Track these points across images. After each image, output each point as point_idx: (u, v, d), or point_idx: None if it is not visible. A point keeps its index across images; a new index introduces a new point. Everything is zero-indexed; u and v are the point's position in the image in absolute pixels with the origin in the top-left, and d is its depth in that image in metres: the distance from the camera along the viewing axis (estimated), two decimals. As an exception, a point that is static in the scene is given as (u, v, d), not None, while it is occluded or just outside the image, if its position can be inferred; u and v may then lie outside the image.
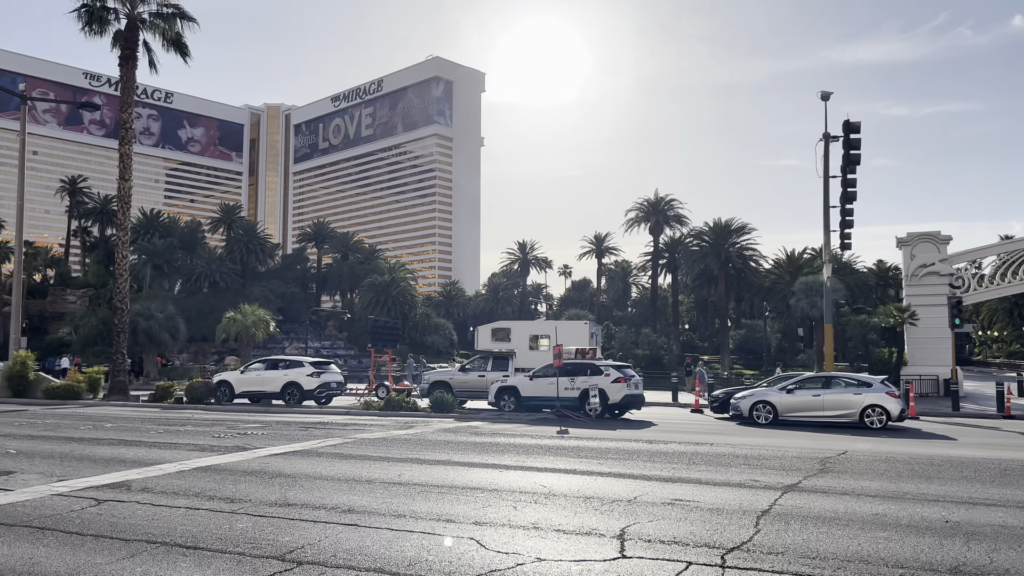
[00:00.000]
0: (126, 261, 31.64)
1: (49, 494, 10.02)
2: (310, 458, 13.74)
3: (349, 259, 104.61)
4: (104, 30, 30.07)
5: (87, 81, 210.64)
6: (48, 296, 79.21)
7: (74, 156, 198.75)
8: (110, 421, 20.72)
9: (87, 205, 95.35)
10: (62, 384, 29.58)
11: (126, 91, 31.29)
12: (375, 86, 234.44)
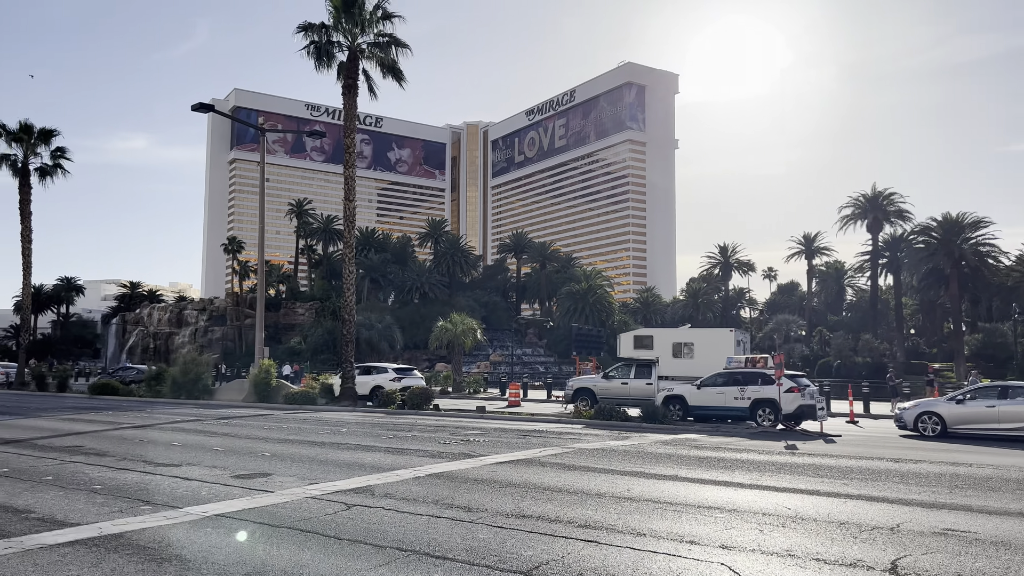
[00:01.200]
0: (352, 276, 34.01)
1: (304, 497, 10.73)
2: (534, 468, 13.81)
3: (546, 268, 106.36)
4: (330, 64, 32.69)
5: (308, 112, 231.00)
6: (281, 309, 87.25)
7: (298, 181, 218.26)
8: (344, 426, 22.19)
9: (312, 225, 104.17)
10: (299, 390, 32.28)
11: (349, 118, 33.73)
12: (568, 97, 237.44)
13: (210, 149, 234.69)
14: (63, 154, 48.34)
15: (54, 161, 47.98)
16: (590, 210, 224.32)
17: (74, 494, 10.78)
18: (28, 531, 8.57)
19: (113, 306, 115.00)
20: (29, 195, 47.42)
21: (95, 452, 15.29)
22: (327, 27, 32.76)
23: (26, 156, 47.02)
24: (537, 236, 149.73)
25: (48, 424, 21.76)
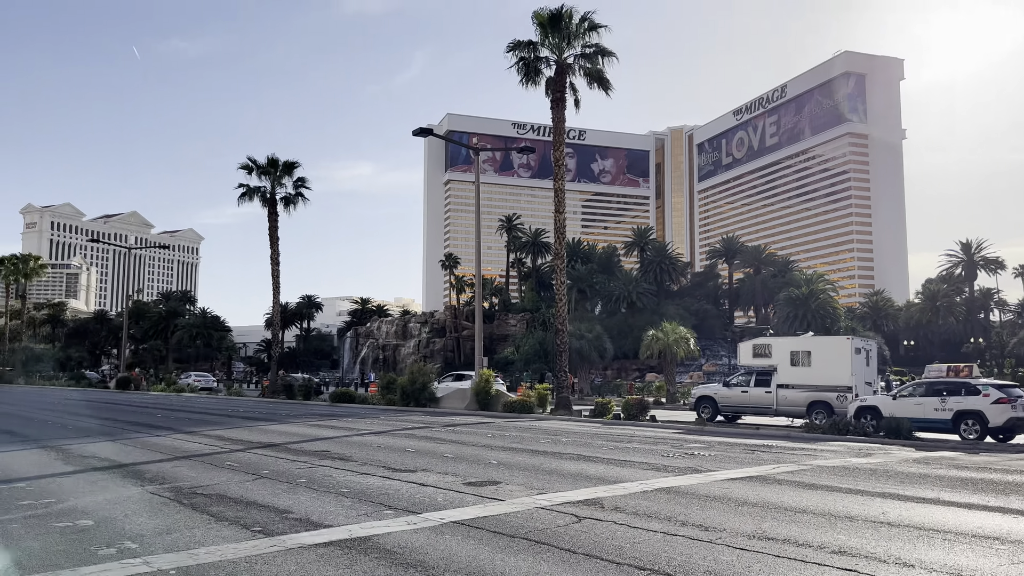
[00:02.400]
0: (563, 286, 34.37)
1: (534, 507, 10.74)
2: (769, 485, 12.94)
3: (761, 273, 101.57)
4: (538, 79, 33.41)
5: (515, 130, 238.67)
6: (495, 320, 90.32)
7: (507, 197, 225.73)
8: (563, 435, 22.30)
9: (521, 239, 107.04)
10: (517, 399, 33.06)
11: (558, 131, 34.23)
12: (778, 93, 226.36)
13: (427, 172, 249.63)
14: (303, 184, 53.34)
15: (296, 191, 53.06)
16: (807, 210, 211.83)
17: (325, 496, 11.55)
18: (288, 531, 9.24)
19: (347, 321, 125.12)
20: (276, 222, 52.76)
21: (340, 457, 16.43)
22: (535, 44, 33.49)
23: (273, 187, 52.40)
24: (749, 240, 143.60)
25: (297, 430, 23.83)
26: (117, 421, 27.07)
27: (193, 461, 15.68)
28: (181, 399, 46.84)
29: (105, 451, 17.43)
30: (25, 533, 9.12)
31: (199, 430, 23.04)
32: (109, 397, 48.61)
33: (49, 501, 11.13)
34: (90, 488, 12.31)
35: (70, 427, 24.22)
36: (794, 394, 27.54)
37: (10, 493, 11.86)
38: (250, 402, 44.44)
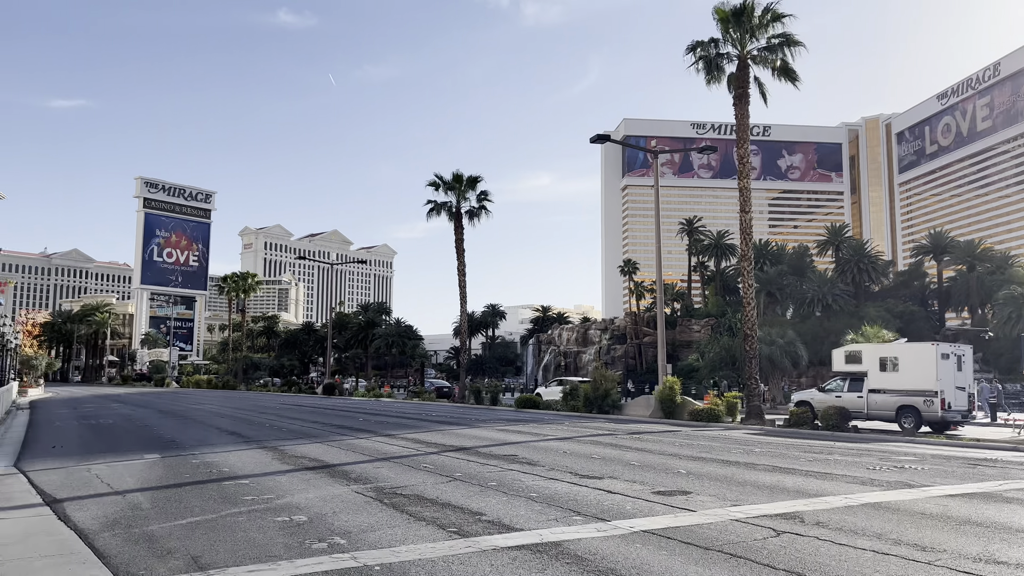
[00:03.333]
0: (751, 290, 32.99)
1: (728, 519, 10.33)
2: (997, 503, 11.64)
3: (976, 270, 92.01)
4: (720, 76, 32.42)
5: (694, 131, 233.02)
6: (676, 326, 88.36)
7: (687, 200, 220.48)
8: (756, 445, 21.35)
9: (703, 242, 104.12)
10: (704, 407, 32.08)
11: (741, 128, 32.99)
12: (990, 72, 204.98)
13: (604, 179, 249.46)
14: (486, 197, 55.11)
15: (479, 204, 54.93)
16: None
17: (515, 500, 11.78)
18: (482, 532, 9.50)
19: (529, 328, 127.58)
20: (462, 235, 54.88)
21: (527, 461, 16.71)
22: (716, 40, 32.54)
23: (458, 202, 54.57)
24: (960, 234, 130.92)
25: (485, 434, 24.53)
26: (324, 424, 29.21)
27: (392, 463, 16.56)
28: (380, 404, 49.76)
29: (314, 452, 18.83)
30: (250, 525, 10.02)
31: (396, 433, 24.33)
32: (316, 402, 52.61)
33: (269, 497, 12.17)
34: (302, 486, 13.33)
35: (284, 429, 26.43)
36: (884, 399, 28.80)
37: (236, 489, 13.10)
38: (441, 407, 46.41)
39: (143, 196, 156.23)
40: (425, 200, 54.72)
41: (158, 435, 24.42)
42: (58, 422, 31.84)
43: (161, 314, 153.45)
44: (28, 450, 20.55)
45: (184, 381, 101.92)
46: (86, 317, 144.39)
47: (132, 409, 41.51)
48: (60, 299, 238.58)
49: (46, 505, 11.92)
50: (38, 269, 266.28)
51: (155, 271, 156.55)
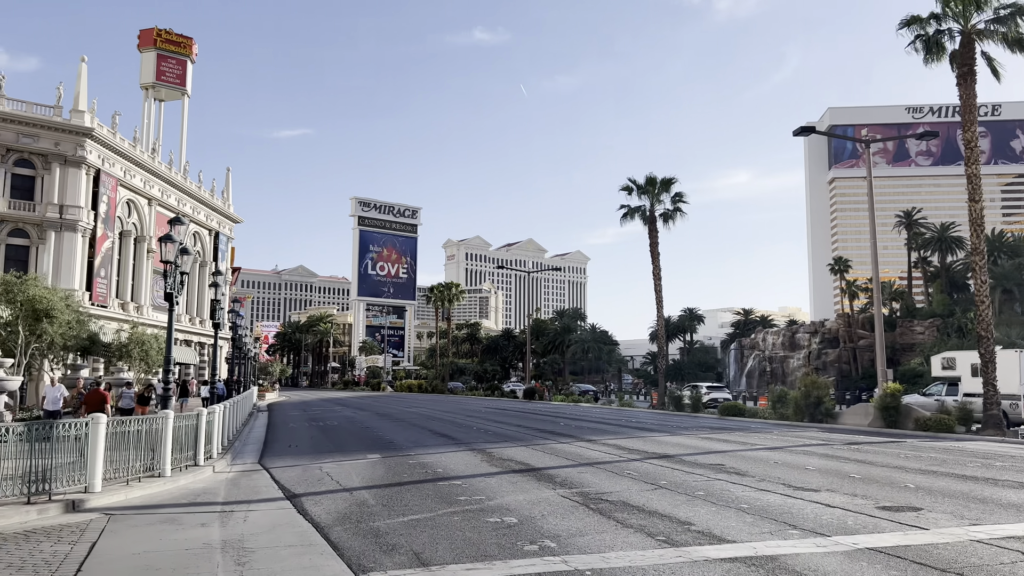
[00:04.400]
0: (985, 286, 29.73)
1: (967, 539, 9.40)
2: None
3: None
4: (940, 54, 29.57)
5: (909, 115, 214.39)
6: (896, 328, 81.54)
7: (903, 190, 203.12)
8: (996, 459, 19.20)
9: (924, 235, 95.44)
10: (933, 416, 29.31)
11: (967, 110, 29.88)
12: None
13: (808, 173, 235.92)
14: (681, 199, 54.02)
15: (674, 206, 53.93)
16: None
17: (724, 511, 11.42)
18: (691, 542, 9.31)
19: (729, 332, 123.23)
20: (656, 238, 54.15)
21: (735, 471, 16.14)
22: (935, 16, 29.73)
23: (652, 205, 53.92)
24: None
25: (688, 442, 23.99)
26: (526, 428, 29.95)
27: (595, 468, 16.65)
28: (579, 409, 50.24)
29: (519, 455, 19.36)
30: (465, 525, 10.51)
31: (597, 439, 24.43)
32: (518, 406, 54.06)
33: (480, 498, 12.69)
34: (511, 489, 13.75)
35: (489, 432, 27.41)
36: (977, 402, 29.68)
37: (450, 489, 13.78)
38: (640, 413, 45.98)
39: (358, 215, 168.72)
40: (618, 205, 54.59)
41: (377, 436, 26.23)
42: (291, 423, 35.12)
43: (376, 323, 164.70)
44: (268, 449, 22.86)
45: (397, 385, 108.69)
46: (311, 327, 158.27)
47: (353, 412, 44.89)
48: (289, 311, 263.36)
49: (287, 499, 13.20)
50: (270, 284, 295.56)
51: (369, 283, 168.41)
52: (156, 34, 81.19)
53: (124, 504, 12.56)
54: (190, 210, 75.34)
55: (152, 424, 14.68)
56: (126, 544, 9.62)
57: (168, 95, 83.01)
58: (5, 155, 54.68)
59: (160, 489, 14.14)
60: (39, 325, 31.67)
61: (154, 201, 69.15)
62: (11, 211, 54.34)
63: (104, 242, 59.87)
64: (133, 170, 65.06)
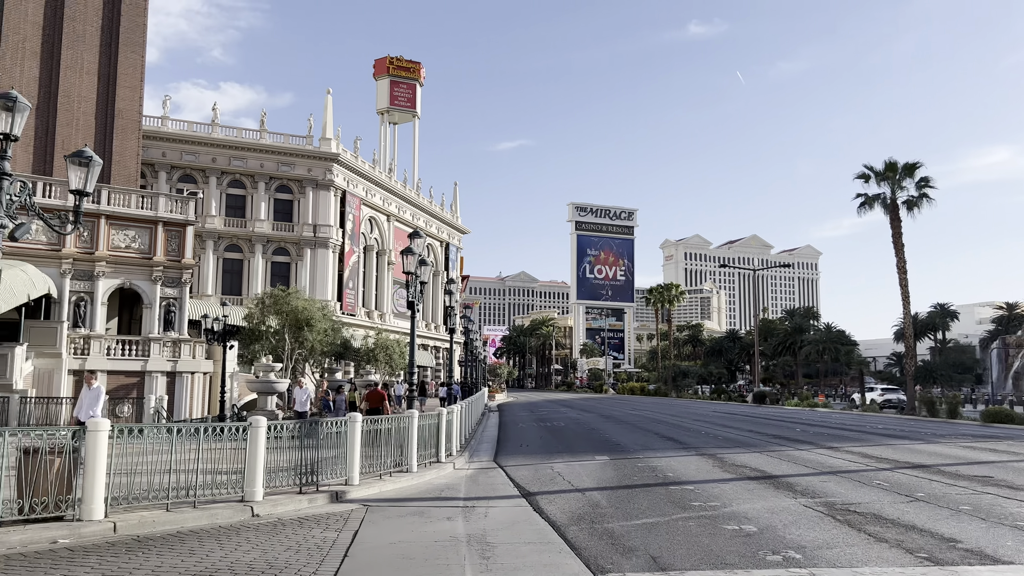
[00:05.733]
0: None
1: None
2: None
3: None
4: None
5: None
6: None
7: None
8: None
9: None
10: None
11: None
12: None
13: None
14: (927, 184, 49.10)
15: (919, 192, 49.14)
16: None
17: (997, 528, 10.22)
18: (959, 561, 8.43)
19: (990, 329, 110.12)
20: (899, 228, 49.62)
21: (1007, 484, 14.38)
22: None
23: (893, 192, 49.51)
24: None
25: (946, 450, 21.71)
26: (759, 433, 28.69)
27: (839, 477, 15.59)
28: (816, 415, 47.27)
29: (753, 461, 18.59)
30: (701, 531, 10.28)
31: (839, 446, 22.83)
32: (747, 411, 51.95)
33: (714, 504, 12.35)
34: (747, 495, 13.25)
35: (719, 437, 26.59)
36: None
37: (682, 494, 13.55)
38: (886, 418, 42.33)
39: (575, 220, 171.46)
40: (853, 194, 50.75)
41: (604, 438, 26.42)
42: (521, 424, 36.36)
43: (595, 326, 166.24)
44: (501, 447, 23.83)
45: (619, 388, 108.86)
46: (534, 331, 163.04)
47: (578, 413, 45.57)
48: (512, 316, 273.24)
49: (522, 497, 13.69)
50: (495, 290, 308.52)
51: (588, 287, 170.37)
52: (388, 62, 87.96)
53: (378, 496, 13.69)
54: (423, 224, 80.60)
55: (400, 423, 15.88)
56: (383, 533, 10.48)
57: (400, 118, 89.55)
58: (268, 183, 61.89)
59: (408, 484, 15.24)
60: (301, 333, 35.55)
61: (392, 217, 74.88)
62: (275, 232, 61.37)
63: (351, 256, 65.78)
64: (373, 189, 70.91)
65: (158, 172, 57.75)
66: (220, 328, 33.07)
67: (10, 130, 10.14)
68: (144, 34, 45.36)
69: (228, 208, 60.84)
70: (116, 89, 43.85)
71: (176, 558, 8.74)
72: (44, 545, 9.25)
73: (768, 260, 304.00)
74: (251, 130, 62.99)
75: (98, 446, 10.18)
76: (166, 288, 37.82)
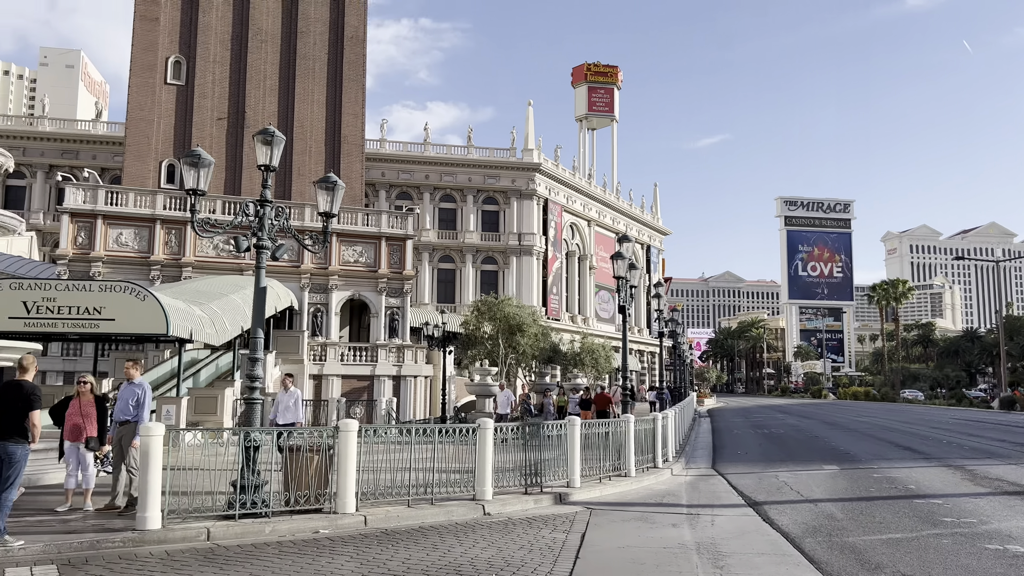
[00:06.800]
0: None
1: None
2: None
3: None
4: None
5: None
6: None
7: None
8: None
9: None
10: None
11: None
12: None
13: None
14: None
15: None
16: None
17: None
18: None
19: None
20: None
21: None
22: None
23: None
24: None
25: None
26: (1012, 443, 25.67)
27: (1124, 496, 13.60)
28: (1079, 423, 41.47)
29: (1011, 475, 16.68)
30: (958, 550, 9.39)
31: (1117, 460, 19.90)
32: (994, 418, 46.65)
33: (970, 521, 11.24)
34: (1007, 512, 11.94)
35: (964, 446, 24.11)
36: None
37: (928, 508, 12.46)
38: None
39: (783, 215, 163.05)
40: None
41: (830, 446, 24.88)
42: (735, 430, 35.13)
43: (810, 327, 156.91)
44: (718, 454, 23.18)
45: (840, 393, 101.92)
46: (743, 333, 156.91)
47: (797, 420, 43.24)
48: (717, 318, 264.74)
49: (748, 506, 13.23)
50: (698, 292, 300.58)
51: (800, 285, 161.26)
52: (586, 69, 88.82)
53: (599, 500, 13.82)
54: (624, 227, 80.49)
55: (617, 427, 15.94)
56: (610, 537, 10.57)
57: (599, 123, 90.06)
58: (476, 195, 64.71)
59: (627, 488, 15.25)
60: (514, 338, 36.80)
61: (592, 222, 75.47)
62: (483, 242, 64.04)
63: (554, 263, 67.08)
64: (574, 196, 71.89)
65: (378, 191, 62.24)
66: (439, 334, 35.00)
67: (269, 161, 11.42)
68: (364, 65, 49.19)
69: (440, 221, 64.27)
70: (341, 117, 47.92)
71: (422, 552, 9.37)
72: (308, 534, 10.28)
73: (1011, 250, 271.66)
74: (459, 146, 66.23)
75: (349, 445, 11.14)
76: (390, 298, 40.64)
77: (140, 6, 45.88)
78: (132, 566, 8.45)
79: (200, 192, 11.05)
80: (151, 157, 45.27)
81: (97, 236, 36.30)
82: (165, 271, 36.73)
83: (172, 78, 46.31)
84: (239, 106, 46.35)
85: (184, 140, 44.96)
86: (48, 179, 56.36)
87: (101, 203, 36.62)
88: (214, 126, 45.47)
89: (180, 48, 46.50)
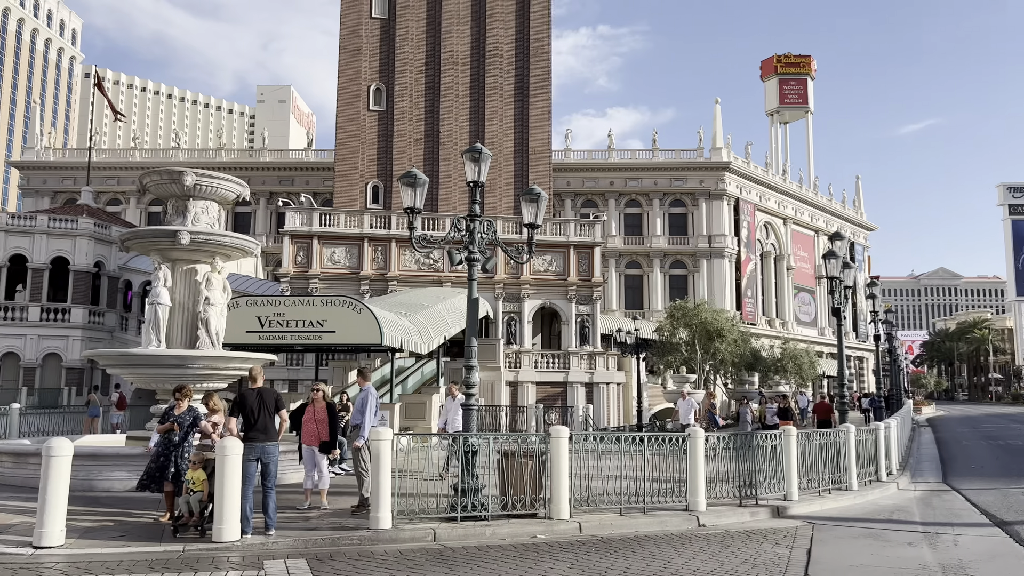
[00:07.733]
0: None
1: None
2: None
3: None
4: None
5: None
6: None
7: None
8: None
9: None
10: None
11: None
12: None
13: None
14: None
15: None
16: None
17: None
18: None
19: None
20: None
21: None
22: None
23: None
24: None
25: None
26: None
27: None
28: None
29: None
30: None
31: None
32: None
33: None
34: None
35: None
36: None
37: None
38: None
39: (1007, 203, 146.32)
40: None
41: (1085, 462, 22.01)
42: (963, 441, 31.97)
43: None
44: (947, 467, 21.18)
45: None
46: (963, 335, 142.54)
47: (1037, 431, 38.65)
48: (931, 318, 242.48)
49: (995, 526, 11.97)
50: (907, 291, 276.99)
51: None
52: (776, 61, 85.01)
53: (819, 514, 13.04)
54: (823, 224, 75.99)
55: (835, 438, 15.00)
56: (840, 555, 9.93)
57: (791, 116, 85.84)
58: (662, 199, 63.72)
59: (849, 503, 14.30)
60: (711, 344, 35.77)
61: (788, 220, 71.86)
62: (671, 246, 62.89)
63: (748, 265, 64.52)
64: (767, 194, 68.84)
65: (564, 200, 62.95)
66: (632, 341, 34.72)
67: (477, 178, 11.88)
68: (549, 79, 50.10)
69: (626, 227, 63.83)
70: (529, 130, 49.07)
71: (641, 562, 9.28)
72: (525, 539, 10.52)
73: None
74: (643, 151, 65.54)
75: (561, 451, 11.29)
76: (579, 305, 40.92)
77: (345, 40, 49.62)
78: (371, 563, 9.05)
79: (417, 210, 11.70)
80: (357, 180, 48.71)
81: (313, 255, 39.51)
82: (373, 285, 39.26)
83: (374, 104, 49.62)
84: (434, 126, 48.79)
85: (386, 162, 48.00)
86: (269, 205, 62.18)
87: (316, 225, 39.85)
88: (412, 147, 48.16)
89: (380, 76, 49.73)
